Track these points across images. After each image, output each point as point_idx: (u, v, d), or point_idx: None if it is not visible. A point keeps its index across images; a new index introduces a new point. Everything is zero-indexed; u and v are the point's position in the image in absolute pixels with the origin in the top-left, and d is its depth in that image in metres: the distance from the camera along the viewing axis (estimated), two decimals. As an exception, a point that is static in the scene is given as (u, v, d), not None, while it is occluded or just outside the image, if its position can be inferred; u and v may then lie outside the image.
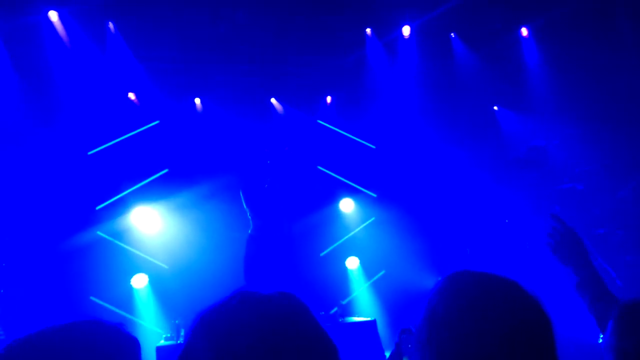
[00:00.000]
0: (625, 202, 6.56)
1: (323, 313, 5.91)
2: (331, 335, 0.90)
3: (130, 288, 6.35)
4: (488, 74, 7.42)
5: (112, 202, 6.56)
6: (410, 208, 7.33)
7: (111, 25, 6.35)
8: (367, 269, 7.31)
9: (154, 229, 6.63)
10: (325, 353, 0.87)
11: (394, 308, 6.73)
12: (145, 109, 6.92)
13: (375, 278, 7.28)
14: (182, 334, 5.30)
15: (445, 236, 7.30)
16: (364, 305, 7.11)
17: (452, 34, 7.44)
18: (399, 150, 7.58)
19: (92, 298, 6.14)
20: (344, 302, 6.41)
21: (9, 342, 1.01)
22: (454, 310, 0.97)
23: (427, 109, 7.51)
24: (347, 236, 7.43)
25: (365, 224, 7.50)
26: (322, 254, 7.22)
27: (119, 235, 6.49)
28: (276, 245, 5.62)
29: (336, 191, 7.53)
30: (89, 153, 6.58)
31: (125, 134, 6.83)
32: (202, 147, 6.99)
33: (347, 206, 7.54)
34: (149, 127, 6.94)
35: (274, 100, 7.51)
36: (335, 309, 6.12)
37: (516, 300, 0.99)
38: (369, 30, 7.23)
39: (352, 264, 7.33)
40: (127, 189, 6.65)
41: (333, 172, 7.62)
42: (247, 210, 5.69)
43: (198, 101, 7.19)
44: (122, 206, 6.57)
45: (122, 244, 6.48)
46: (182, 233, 6.58)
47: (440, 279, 1.06)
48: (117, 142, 6.75)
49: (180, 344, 5.15)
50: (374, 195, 7.62)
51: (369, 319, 5.76)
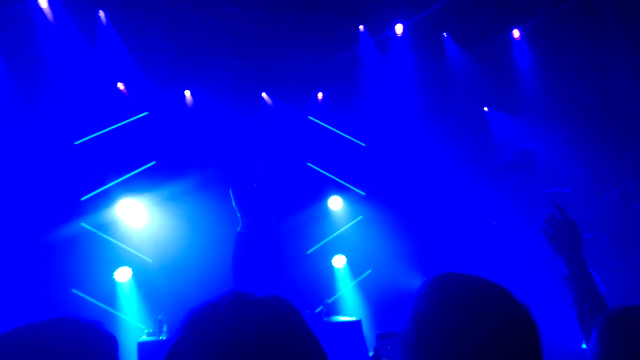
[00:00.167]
0: (611, 207, 6.61)
1: (308, 312, 5.89)
2: (316, 334, 0.89)
3: (114, 282, 6.27)
4: (479, 74, 7.44)
5: (97, 194, 6.47)
6: (398, 207, 7.33)
7: (102, 14, 6.25)
8: (354, 267, 7.30)
9: (139, 222, 6.55)
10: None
11: (379, 308, 6.72)
12: (135, 99, 6.83)
13: (361, 277, 7.27)
14: (164, 329, 5.24)
15: (433, 237, 7.31)
16: (349, 305, 7.09)
17: (445, 33, 7.46)
18: (389, 149, 7.57)
19: (74, 291, 6.05)
20: (329, 301, 6.39)
21: None
22: (442, 314, 0.95)
23: (418, 108, 7.51)
24: (335, 234, 7.40)
25: (353, 223, 7.48)
26: (309, 251, 7.19)
27: (104, 227, 6.40)
28: (265, 243, 5.59)
29: (325, 188, 7.50)
30: (76, 143, 6.48)
31: (114, 124, 6.74)
32: (191, 140, 6.92)
33: (335, 204, 7.52)
34: (138, 119, 6.86)
35: (265, 95, 7.46)
36: (320, 307, 6.09)
37: (504, 304, 0.98)
38: (362, 28, 7.21)
39: (339, 262, 7.31)
40: (113, 180, 6.56)
41: (322, 169, 7.59)
42: (237, 209, 5.64)
43: (188, 94, 7.12)
44: (108, 198, 6.48)
45: (107, 237, 6.39)
46: (168, 227, 6.50)
47: (425, 280, 1.04)
48: (104, 133, 6.66)
49: (162, 340, 5.10)
50: (363, 194, 7.60)
51: (354, 319, 5.74)
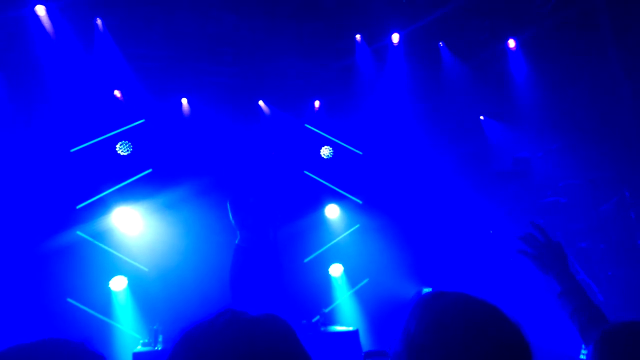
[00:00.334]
0: (607, 216, 6.61)
1: (305, 321, 5.85)
2: (313, 345, 0.88)
3: (109, 290, 6.22)
4: (475, 83, 7.48)
5: (93, 202, 6.44)
6: (395, 216, 7.33)
7: (99, 21, 6.26)
8: (351, 276, 7.27)
9: (135, 230, 6.51)
10: None
11: (376, 317, 6.68)
12: (131, 107, 6.83)
13: (358, 286, 7.24)
14: (159, 340, 5.19)
15: (429, 246, 7.30)
16: (346, 314, 7.05)
17: (441, 43, 7.50)
18: (385, 157, 7.57)
19: (69, 300, 6.00)
20: (326, 310, 6.35)
21: None
22: (433, 337, 0.95)
23: (414, 116, 7.53)
24: (332, 243, 7.38)
25: (350, 231, 7.46)
26: (305, 260, 7.16)
27: (99, 235, 6.36)
28: (263, 256, 5.56)
29: (322, 196, 7.49)
30: (72, 150, 6.46)
31: (110, 132, 6.72)
32: (187, 148, 6.91)
33: (332, 212, 7.50)
34: (134, 126, 6.85)
35: (261, 103, 7.47)
36: (317, 317, 6.05)
37: (495, 325, 0.97)
38: (358, 37, 7.25)
39: (336, 271, 7.28)
40: (109, 188, 6.53)
41: (319, 177, 7.59)
42: (234, 222, 5.60)
43: (185, 101, 7.12)
44: (104, 206, 6.45)
45: (102, 245, 6.35)
46: (164, 235, 6.46)
47: (414, 299, 1.03)
48: (100, 140, 6.65)
49: (157, 350, 5.05)
50: (360, 202, 7.59)
51: (351, 328, 5.71)
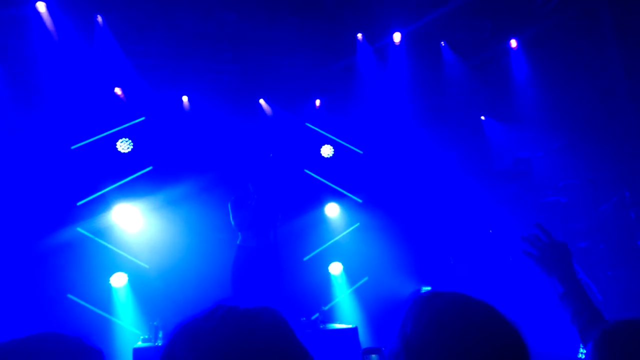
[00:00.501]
0: (607, 216, 6.61)
1: (304, 319, 5.86)
2: (312, 342, 0.88)
3: (109, 287, 6.23)
4: (476, 83, 7.47)
5: (93, 199, 6.45)
6: (395, 215, 7.33)
7: (100, 18, 6.26)
8: (350, 275, 7.28)
9: (135, 227, 6.52)
10: None
11: (375, 315, 6.69)
12: (132, 104, 6.83)
13: (358, 284, 7.25)
14: (160, 335, 5.21)
15: (429, 245, 7.30)
16: (345, 312, 7.06)
17: (442, 42, 7.50)
18: (386, 156, 7.58)
19: (70, 296, 6.02)
20: (325, 308, 6.37)
21: None
22: (429, 337, 0.94)
23: (415, 116, 7.53)
24: (332, 241, 7.39)
25: (349, 230, 7.47)
26: (305, 258, 7.17)
27: (100, 232, 6.37)
28: (265, 255, 5.57)
29: (322, 195, 7.50)
30: (73, 147, 6.47)
31: (111, 129, 6.73)
32: (187, 145, 6.92)
33: (332, 211, 7.51)
34: (135, 123, 6.85)
35: (262, 102, 7.47)
36: (316, 314, 6.07)
37: (492, 326, 0.96)
38: (360, 36, 7.24)
39: (336, 269, 7.29)
40: (109, 185, 6.55)
41: (319, 176, 7.59)
42: (235, 224, 5.60)
43: (185, 99, 7.12)
44: (104, 203, 6.46)
45: (103, 242, 6.37)
46: (164, 232, 6.48)
47: (410, 299, 1.03)
48: (101, 137, 6.65)
49: (157, 346, 5.06)
50: (360, 201, 7.60)
51: (350, 326, 5.72)
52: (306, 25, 6.56)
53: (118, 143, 6.71)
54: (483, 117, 7.98)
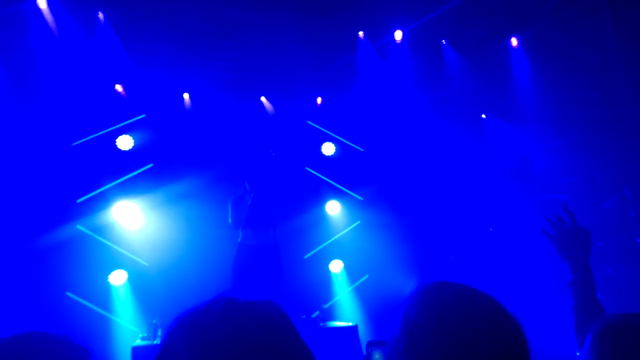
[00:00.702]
0: (607, 214, 6.61)
1: (304, 316, 5.86)
2: (312, 340, 0.88)
3: (108, 285, 6.23)
4: (477, 81, 7.47)
5: (93, 196, 6.44)
6: (396, 213, 7.32)
7: (101, 15, 6.25)
8: (351, 272, 7.28)
9: (135, 224, 6.52)
10: None
11: (376, 313, 6.69)
12: (133, 101, 6.82)
13: (358, 282, 7.25)
14: (159, 334, 5.21)
15: (430, 243, 7.30)
16: (346, 310, 7.07)
17: (443, 40, 7.49)
18: (387, 154, 7.57)
19: (69, 294, 6.01)
20: (325, 306, 6.37)
21: None
22: (432, 324, 0.95)
23: (415, 113, 7.52)
24: (332, 239, 7.39)
25: (350, 227, 7.47)
26: (306, 256, 7.17)
27: (100, 229, 6.36)
28: (266, 252, 5.56)
29: (323, 193, 7.49)
30: (74, 144, 6.46)
31: (111, 126, 6.72)
32: (188, 142, 6.91)
33: (333, 208, 7.51)
34: (135, 120, 6.85)
35: (263, 99, 7.46)
36: (317, 312, 6.07)
37: (494, 316, 0.97)
38: (361, 34, 7.23)
39: (336, 267, 7.29)
40: (109, 182, 6.54)
41: (320, 174, 7.59)
42: (233, 222, 5.59)
43: (187, 96, 7.11)
44: (104, 200, 6.45)
45: (102, 239, 6.36)
46: (164, 230, 6.47)
47: (415, 288, 1.03)
48: (102, 134, 6.65)
49: (156, 344, 5.06)
50: (361, 199, 7.59)
51: (350, 324, 5.72)
52: (308, 23, 6.54)
53: (118, 140, 6.70)
54: (484, 116, 7.97)
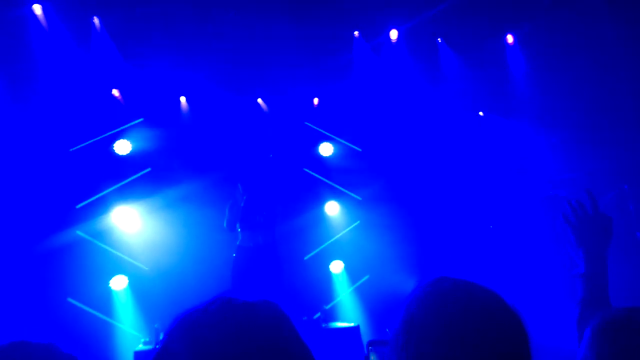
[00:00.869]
0: (606, 209, 6.61)
1: (306, 318, 5.86)
2: (314, 341, 0.87)
3: (109, 290, 6.22)
4: (473, 79, 7.47)
5: (92, 201, 6.43)
6: (395, 212, 7.32)
7: (96, 20, 6.25)
8: (352, 273, 7.27)
9: (135, 229, 6.51)
10: None
11: (377, 313, 6.69)
12: (130, 106, 6.81)
13: (359, 283, 7.25)
14: (160, 338, 5.20)
15: (430, 241, 7.30)
16: (347, 310, 7.06)
17: (439, 38, 7.50)
18: (384, 153, 7.57)
19: (70, 299, 6.00)
20: (327, 307, 6.37)
21: None
22: (433, 318, 0.95)
23: (412, 112, 7.52)
24: (332, 240, 7.38)
25: (350, 228, 7.46)
26: (306, 257, 7.16)
27: (99, 235, 6.35)
28: (265, 254, 5.56)
29: (321, 194, 7.49)
30: (71, 150, 6.45)
31: (109, 131, 6.71)
32: (186, 146, 6.90)
33: (332, 209, 7.50)
34: (133, 125, 6.84)
35: (260, 101, 7.46)
36: (318, 314, 6.06)
37: (495, 310, 0.97)
38: (356, 33, 7.23)
39: (336, 268, 7.29)
40: (108, 187, 6.53)
41: (319, 175, 7.58)
42: (228, 226, 5.58)
43: (184, 100, 7.10)
44: (103, 205, 6.44)
45: (102, 244, 6.35)
46: (164, 234, 6.46)
47: (418, 284, 1.04)
48: (99, 139, 6.63)
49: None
50: (359, 199, 7.59)
51: (352, 324, 5.72)
52: (303, 23, 6.55)
53: (115, 145, 6.69)
54: (481, 113, 7.98)
